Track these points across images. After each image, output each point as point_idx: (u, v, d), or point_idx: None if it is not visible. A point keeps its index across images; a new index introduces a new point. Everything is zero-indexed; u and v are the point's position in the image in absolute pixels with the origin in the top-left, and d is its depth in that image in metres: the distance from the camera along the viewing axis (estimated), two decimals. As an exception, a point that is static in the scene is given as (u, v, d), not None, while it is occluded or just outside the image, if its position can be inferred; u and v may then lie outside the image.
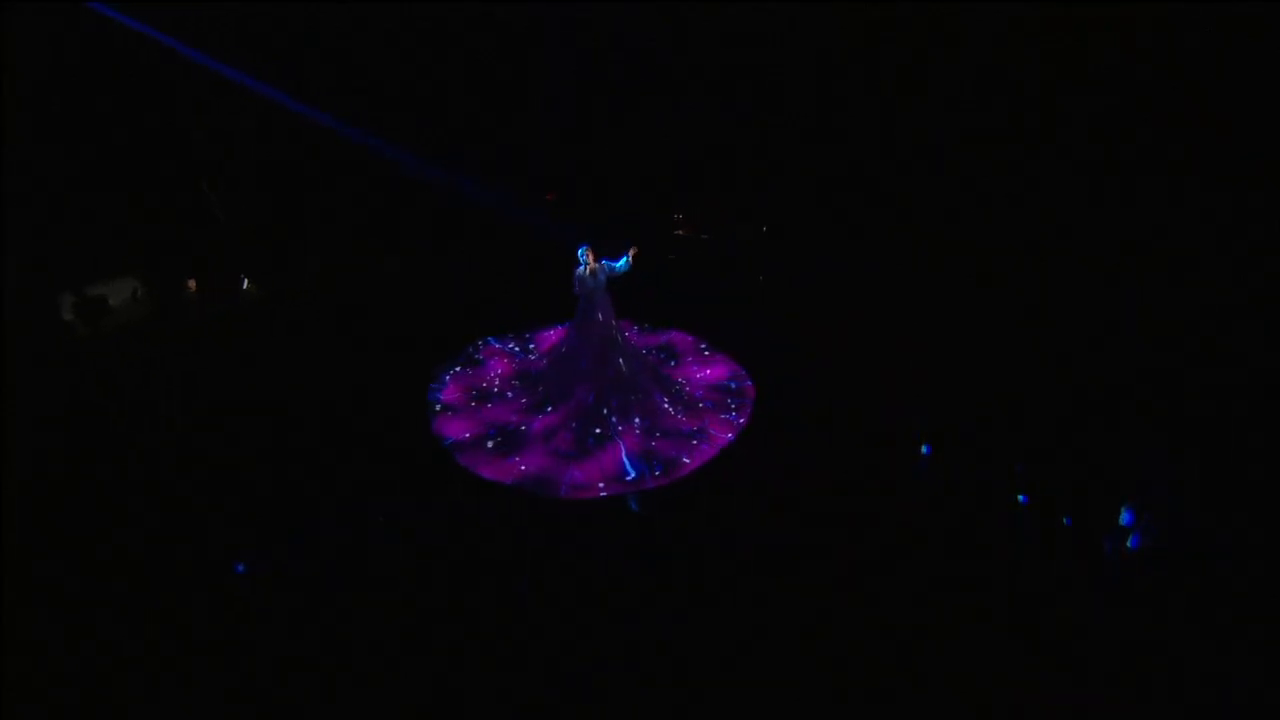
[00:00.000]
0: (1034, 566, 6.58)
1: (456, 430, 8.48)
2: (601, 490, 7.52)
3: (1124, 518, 7.10)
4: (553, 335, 10.35)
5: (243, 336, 10.43)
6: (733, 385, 9.11)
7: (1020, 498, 7.34)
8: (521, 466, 7.86)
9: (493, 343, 10.33)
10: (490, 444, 8.22)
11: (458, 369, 9.71)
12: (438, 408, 8.93)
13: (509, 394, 9.16)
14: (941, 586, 6.21)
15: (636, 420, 8.45)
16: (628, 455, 7.93)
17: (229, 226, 12.33)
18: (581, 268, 8.52)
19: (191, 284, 10.83)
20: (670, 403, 8.75)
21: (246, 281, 11.42)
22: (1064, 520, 7.07)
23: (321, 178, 12.13)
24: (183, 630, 5.94)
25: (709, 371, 9.44)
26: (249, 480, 7.63)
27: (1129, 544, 6.87)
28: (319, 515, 7.14)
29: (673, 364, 9.65)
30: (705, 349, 9.89)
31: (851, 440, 8.04)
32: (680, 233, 12.40)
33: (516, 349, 10.15)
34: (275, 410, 8.75)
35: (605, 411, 8.49)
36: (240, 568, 6.50)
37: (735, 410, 8.64)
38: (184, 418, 8.66)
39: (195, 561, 6.63)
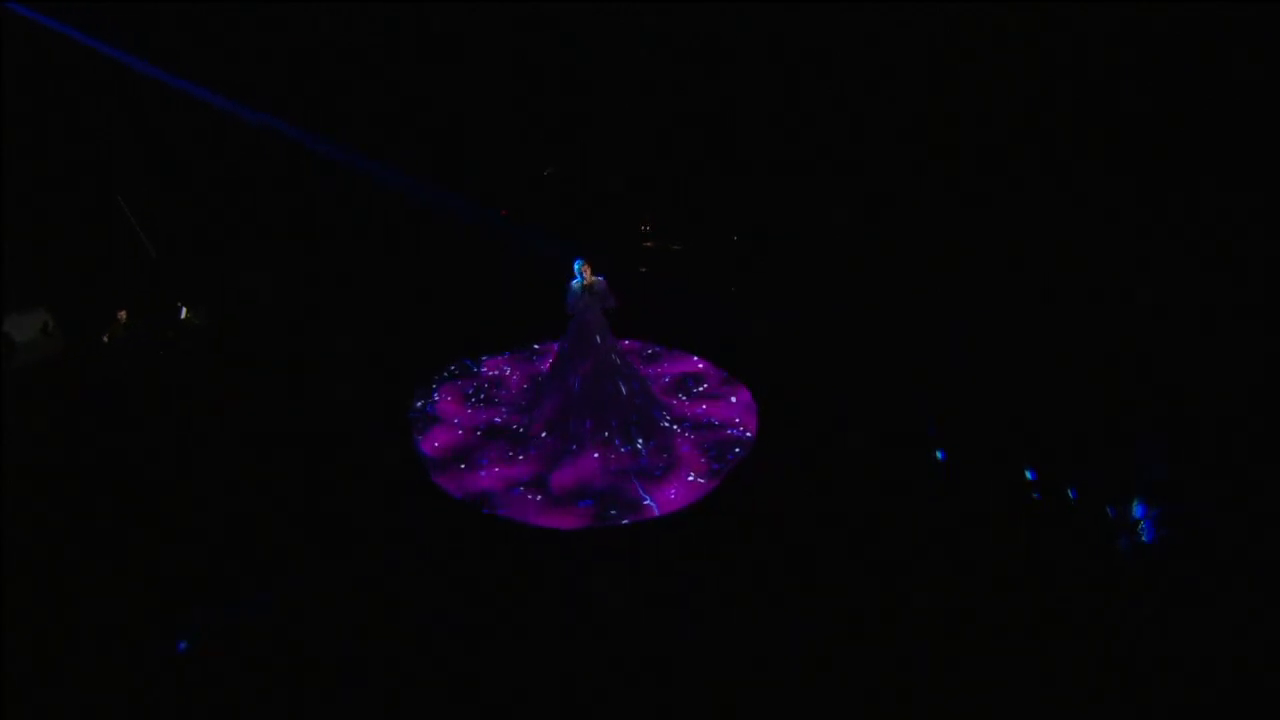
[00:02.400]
0: (1057, 565, 6.56)
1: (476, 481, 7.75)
2: (622, 520, 7.12)
3: (1136, 510, 7.19)
4: (523, 359, 9.87)
5: (190, 367, 9.52)
6: (734, 400, 8.85)
7: (1035, 495, 7.36)
8: (538, 497, 7.40)
9: (468, 365, 9.76)
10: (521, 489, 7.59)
11: (436, 396, 9.09)
12: (420, 433, 8.34)
13: (497, 420, 8.62)
14: (968, 592, 6.12)
15: (640, 443, 8.06)
16: (640, 484, 7.56)
17: (156, 251, 11.35)
18: (577, 282, 8.09)
19: (122, 315, 9.77)
20: (672, 422, 8.41)
21: (185, 310, 10.40)
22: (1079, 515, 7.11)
23: (268, 189, 11.23)
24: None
25: (705, 387, 9.17)
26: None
27: (1143, 537, 6.96)
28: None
29: (667, 380, 9.33)
30: (701, 365, 9.62)
31: (864, 449, 7.90)
32: (649, 244, 12.11)
33: (494, 373, 9.60)
34: (251, 452, 8.03)
35: (606, 434, 8.08)
36: (182, 646, 5.78)
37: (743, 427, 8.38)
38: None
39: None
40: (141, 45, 10.03)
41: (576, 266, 8.07)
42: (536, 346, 10.11)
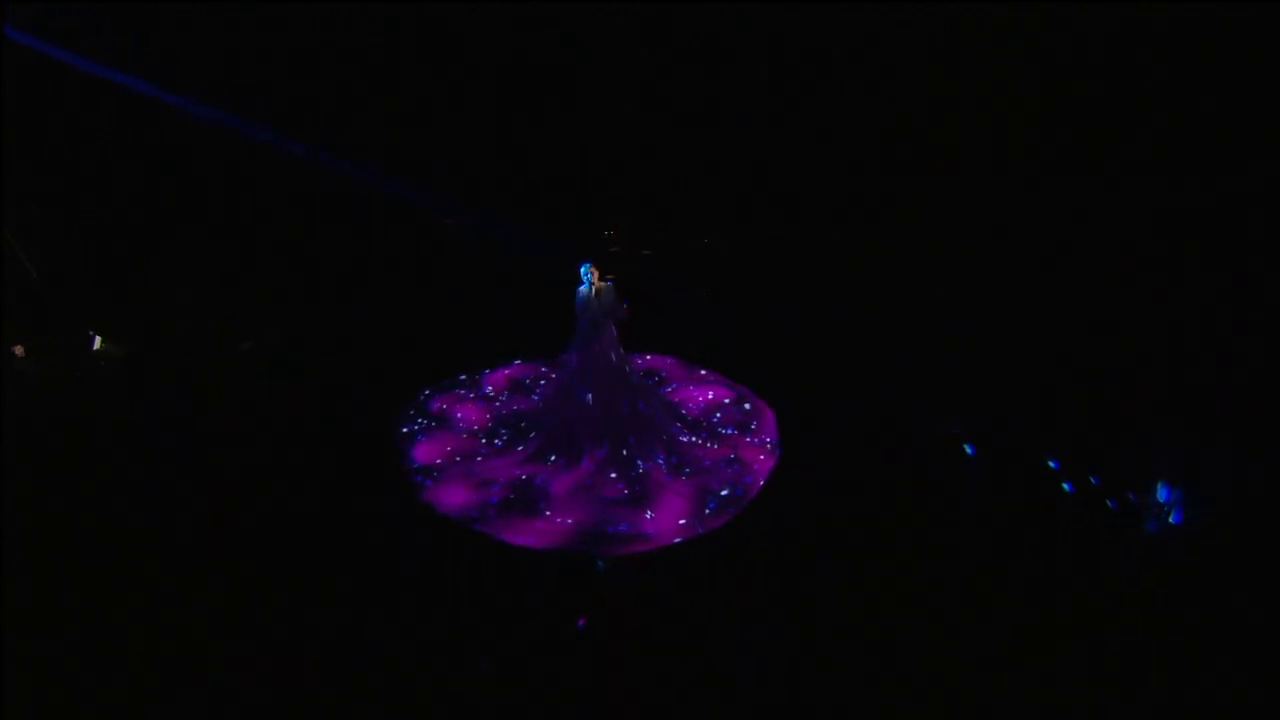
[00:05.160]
0: (1096, 559, 6.47)
1: (455, 496, 7.03)
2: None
3: (1161, 494, 7.25)
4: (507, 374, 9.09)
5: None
6: (746, 406, 8.41)
7: (1066, 486, 7.32)
8: (568, 521, 6.69)
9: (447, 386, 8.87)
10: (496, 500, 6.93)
11: (420, 421, 8.17)
12: (414, 466, 7.42)
13: (497, 442, 7.82)
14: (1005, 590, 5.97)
15: (661, 460, 7.49)
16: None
17: (41, 272, 9.84)
18: (585, 288, 7.43)
19: (18, 350, 8.32)
20: (689, 434, 7.88)
21: (99, 340, 8.97)
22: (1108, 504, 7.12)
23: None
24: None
25: (711, 395, 8.66)
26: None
27: (1171, 520, 7.02)
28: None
29: (671, 387, 8.79)
30: (703, 371, 9.13)
31: (892, 446, 7.65)
32: (615, 250, 11.54)
33: (472, 393, 8.76)
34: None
35: (625, 452, 7.46)
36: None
37: (762, 435, 7.94)
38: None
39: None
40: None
41: (583, 271, 7.42)
42: (518, 362, 9.35)
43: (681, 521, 6.69)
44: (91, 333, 8.90)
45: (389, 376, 8.90)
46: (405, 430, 7.99)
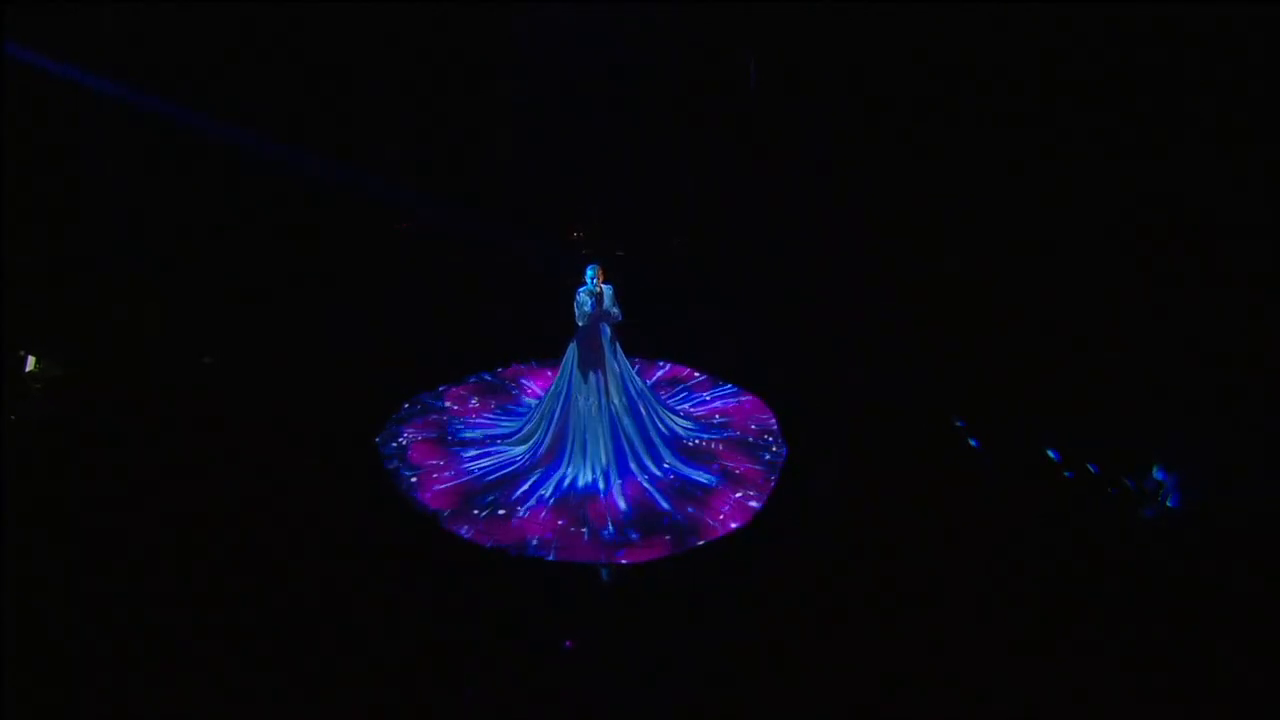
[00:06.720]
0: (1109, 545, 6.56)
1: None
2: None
3: (1157, 475, 7.42)
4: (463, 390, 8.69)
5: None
6: (748, 406, 8.25)
7: (1067, 474, 7.42)
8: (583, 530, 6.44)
9: (426, 399, 8.38)
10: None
11: (406, 436, 7.71)
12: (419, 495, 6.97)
13: (495, 451, 7.49)
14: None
15: (667, 463, 7.27)
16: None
17: None
18: (586, 290, 7.09)
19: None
20: (695, 437, 7.69)
21: (32, 361, 8.06)
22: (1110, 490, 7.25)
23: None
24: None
25: (711, 397, 8.48)
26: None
27: (1168, 503, 7.20)
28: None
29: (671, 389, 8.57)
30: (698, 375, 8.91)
31: (894, 444, 7.61)
32: (586, 252, 11.25)
33: (454, 405, 8.32)
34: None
35: (632, 454, 7.22)
36: None
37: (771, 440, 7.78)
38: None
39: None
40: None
41: (589, 272, 7.08)
42: (501, 369, 8.94)
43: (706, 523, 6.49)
44: (23, 353, 8.00)
45: (385, 381, 8.60)
46: (394, 444, 7.56)
